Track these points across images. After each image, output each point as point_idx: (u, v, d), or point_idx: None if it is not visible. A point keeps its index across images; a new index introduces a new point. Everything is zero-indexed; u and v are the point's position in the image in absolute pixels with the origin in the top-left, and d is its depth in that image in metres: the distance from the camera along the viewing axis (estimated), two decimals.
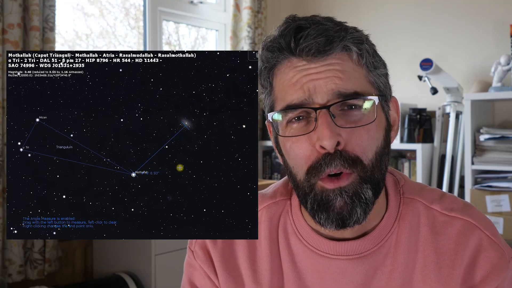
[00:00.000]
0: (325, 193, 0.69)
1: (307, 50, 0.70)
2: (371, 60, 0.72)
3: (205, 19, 3.09)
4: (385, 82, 0.75)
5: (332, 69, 0.69)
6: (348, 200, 0.69)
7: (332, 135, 0.67)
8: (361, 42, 0.72)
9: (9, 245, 2.06)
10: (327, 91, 0.69)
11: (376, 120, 0.70)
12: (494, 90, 2.45)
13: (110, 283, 2.17)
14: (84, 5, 2.63)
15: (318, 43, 0.69)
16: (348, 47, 0.70)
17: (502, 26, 2.64)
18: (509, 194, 2.29)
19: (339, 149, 0.68)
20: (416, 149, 2.66)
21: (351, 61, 0.71)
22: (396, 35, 3.02)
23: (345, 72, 0.70)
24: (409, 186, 0.80)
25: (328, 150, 0.68)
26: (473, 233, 0.75)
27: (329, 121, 0.67)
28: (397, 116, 0.78)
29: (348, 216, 0.69)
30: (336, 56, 0.70)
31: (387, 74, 0.76)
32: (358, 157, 0.69)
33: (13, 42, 2.05)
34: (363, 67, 0.72)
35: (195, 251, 0.84)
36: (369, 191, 0.69)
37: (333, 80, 0.69)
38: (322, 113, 0.68)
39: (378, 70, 0.73)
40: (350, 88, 0.69)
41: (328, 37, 0.69)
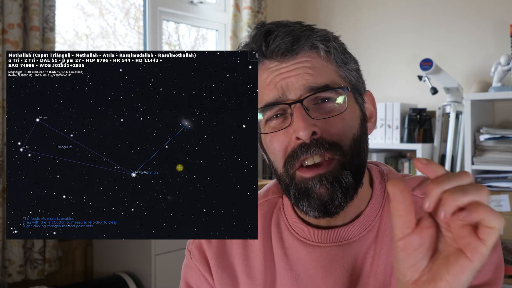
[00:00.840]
0: (304, 182, 0.73)
1: (276, 51, 0.75)
2: (340, 57, 0.77)
3: (205, 19, 3.09)
4: (356, 77, 0.79)
5: (302, 66, 0.74)
6: (329, 186, 0.72)
7: (307, 125, 0.71)
8: (327, 40, 0.76)
9: (9, 245, 2.06)
10: (299, 86, 0.73)
11: (349, 110, 0.74)
12: (494, 90, 2.45)
13: (110, 283, 2.17)
14: (84, 5, 2.63)
15: (286, 43, 0.74)
16: (315, 45, 0.75)
17: (502, 26, 2.64)
18: (509, 194, 2.29)
19: (316, 138, 0.71)
20: (416, 149, 2.66)
21: (320, 57, 0.75)
22: (396, 35, 3.02)
23: (315, 68, 0.74)
24: (393, 175, 0.84)
25: (304, 140, 0.71)
26: None
27: (303, 114, 0.71)
28: (374, 109, 0.82)
29: (329, 202, 0.72)
30: (305, 55, 0.75)
31: (359, 69, 0.80)
32: (336, 142, 0.72)
33: (13, 42, 2.05)
34: (332, 62, 0.76)
35: (192, 251, 0.87)
36: (349, 176, 0.72)
37: (304, 76, 0.73)
38: (297, 107, 0.72)
39: (348, 65, 0.78)
40: (320, 82, 0.73)
41: (294, 37, 0.74)
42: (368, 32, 3.12)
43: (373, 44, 3.08)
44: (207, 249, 0.84)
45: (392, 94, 2.95)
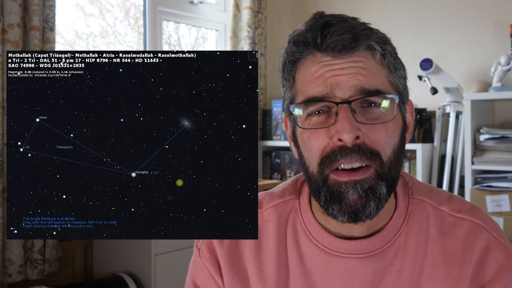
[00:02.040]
0: (337, 185, 0.70)
1: (333, 46, 0.71)
2: (393, 62, 0.75)
3: (205, 19, 3.09)
4: (403, 84, 0.77)
5: (356, 66, 0.71)
6: (363, 194, 0.69)
7: (352, 129, 0.68)
8: (384, 42, 0.74)
9: (9, 245, 2.06)
10: (350, 86, 0.70)
11: (395, 119, 0.72)
12: (494, 90, 2.45)
13: (110, 283, 2.17)
14: (84, 5, 2.63)
15: (344, 40, 0.70)
16: (372, 46, 0.72)
17: (502, 26, 2.64)
18: (509, 194, 2.29)
19: (358, 143, 0.69)
20: (416, 149, 2.66)
21: (374, 60, 0.72)
22: (396, 35, 3.01)
23: (368, 70, 0.71)
24: (417, 187, 0.81)
25: (347, 144, 0.69)
26: (481, 234, 0.76)
27: (349, 116, 0.69)
28: (412, 119, 0.79)
29: (361, 210, 0.70)
30: (360, 54, 0.72)
31: (406, 77, 0.78)
32: (377, 151, 0.70)
33: (13, 42, 2.05)
34: (385, 67, 0.73)
35: (201, 250, 0.84)
36: (384, 187, 0.70)
37: (356, 76, 0.70)
38: (343, 108, 0.69)
39: (399, 72, 0.75)
40: (372, 85, 0.70)
41: (354, 34, 0.71)
42: None
43: None
44: (218, 249, 0.82)
45: None
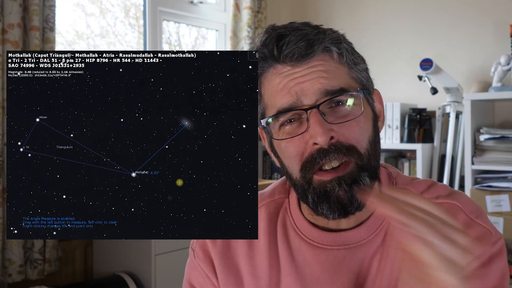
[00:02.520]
0: (323, 185, 0.72)
1: (290, 56, 0.73)
2: (351, 58, 0.76)
3: (205, 19, 3.09)
4: (366, 77, 0.79)
5: (316, 70, 0.73)
6: (348, 188, 0.71)
7: (324, 131, 0.70)
8: (339, 41, 0.75)
9: (9, 245, 2.06)
10: (314, 91, 0.72)
11: (364, 112, 0.74)
12: (494, 90, 2.45)
13: (110, 283, 2.17)
14: (84, 5, 2.63)
15: (300, 48, 0.73)
16: (328, 48, 0.74)
17: (502, 26, 2.64)
18: (509, 194, 2.29)
19: (333, 143, 0.71)
20: (416, 149, 2.66)
21: (333, 60, 0.74)
22: (396, 35, 3.02)
23: (329, 72, 0.73)
24: (401, 178, 0.84)
25: (323, 146, 0.71)
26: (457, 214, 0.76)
27: (320, 119, 0.71)
28: (382, 107, 0.82)
29: (349, 204, 0.72)
30: (318, 58, 0.73)
31: (367, 69, 0.80)
32: (353, 145, 0.72)
33: (13, 42, 2.05)
34: (345, 65, 0.75)
35: (196, 251, 0.86)
36: (366, 178, 0.73)
37: (319, 80, 0.72)
38: (313, 113, 0.71)
39: (359, 65, 0.77)
40: (335, 85, 0.72)
41: (308, 41, 0.73)
42: (368, 32, 3.12)
43: (373, 44, 3.07)
44: (212, 249, 0.84)
45: (392, 94, 2.95)
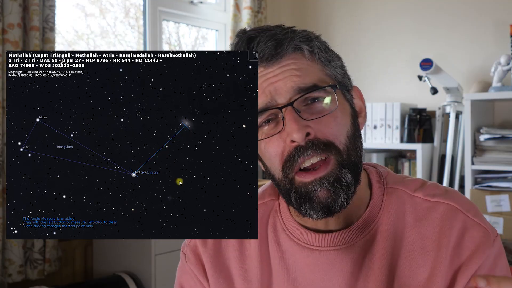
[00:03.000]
0: (304, 186, 0.73)
1: (260, 56, 0.74)
2: (324, 55, 0.77)
3: (205, 19, 3.09)
4: (342, 73, 0.79)
5: (288, 69, 0.74)
6: (331, 187, 0.72)
7: (300, 127, 0.71)
8: (310, 40, 0.76)
9: (9, 245, 2.06)
10: (288, 89, 0.73)
11: (340, 107, 0.74)
12: (494, 90, 2.45)
13: (110, 283, 2.17)
14: (84, 5, 2.63)
15: (269, 48, 0.74)
16: (298, 46, 0.75)
17: (502, 26, 2.64)
18: (509, 194, 2.29)
19: (310, 139, 0.71)
20: (416, 149, 2.66)
21: (305, 58, 0.75)
22: (396, 35, 3.02)
23: (301, 69, 0.74)
24: (391, 177, 0.83)
25: (299, 143, 0.71)
26: (456, 216, 0.77)
27: (295, 116, 0.71)
28: (363, 104, 0.82)
29: (333, 203, 0.72)
30: (290, 57, 0.74)
31: (343, 66, 0.80)
32: (330, 141, 0.72)
33: (13, 42, 2.05)
34: (317, 62, 0.76)
35: (187, 255, 0.86)
36: (348, 174, 0.73)
37: (291, 78, 0.73)
38: (288, 111, 0.72)
39: (333, 63, 0.77)
40: (308, 82, 0.73)
41: (277, 40, 0.74)
42: (368, 32, 3.12)
43: (373, 44, 3.08)
44: (203, 253, 0.84)
45: (392, 94, 2.95)
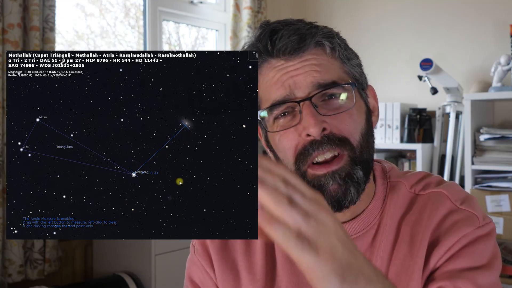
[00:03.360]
0: (317, 179, 0.74)
1: (283, 50, 0.75)
2: (344, 53, 0.78)
3: (205, 19, 3.09)
4: (359, 72, 0.80)
5: (309, 64, 0.74)
6: (341, 182, 0.73)
7: (317, 122, 0.71)
8: (332, 36, 0.77)
9: (9, 245, 2.06)
10: (307, 84, 0.74)
11: (356, 105, 0.76)
12: (494, 90, 2.45)
13: (110, 283, 2.17)
14: (84, 5, 2.63)
15: (292, 42, 0.75)
16: (320, 42, 0.76)
17: (502, 26, 2.64)
18: (509, 194, 2.29)
19: (326, 134, 0.72)
20: (416, 149, 2.66)
21: (325, 54, 0.76)
22: (396, 35, 3.02)
23: (322, 65, 0.75)
24: (395, 171, 0.85)
25: (315, 137, 0.72)
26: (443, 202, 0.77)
27: (312, 111, 0.72)
28: (376, 103, 0.83)
29: (343, 197, 0.73)
30: (311, 52, 0.75)
31: (361, 64, 0.81)
32: (345, 137, 0.73)
33: (13, 42, 2.05)
34: (337, 59, 0.77)
35: (195, 246, 0.88)
36: (360, 171, 0.74)
37: (311, 73, 0.74)
38: (306, 105, 0.73)
39: (352, 61, 0.79)
40: (328, 78, 0.74)
41: (300, 35, 0.75)
42: (368, 32, 3.12)
43: (373, 44, 3.07)
44: (210, 244, 0.85)
45: (392, 94, 2.95)
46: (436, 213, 0.76)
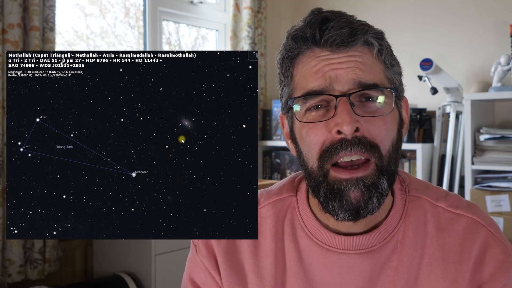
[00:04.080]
0: (338, 183, 0.70)
1: (331, 41, 0.72)
2: (389, 58, 0.76)
3: (205, 19, 3.09)
4: (399, 81, 0.78)
5: (354, 60, 0.72)
6: (365, 191, 0.70)
7: (352, 121, 0.68)
8: (381, 38, 0.75)
9: (9, 245, 2.06)
10: (348, 80, 0.71)
11: (392, 113, 0.73)
12: (494, 90, 2.45)
13: (110, 283, 2.17)
14: (84, 5, 2.63)
15: (342, 34, 0.72)
16: (370, 41, 0.73)
17: (502, 26, 2.64)
18: (509, 194, 2.29)
19: (358, 136, 0.70)
20: (416, 149, 2.66)
21: (372, 55, 0.74)
22: (396, 35, 3.02)
23: (366, 65, 0.72)
24: (414, 185, 0.82)
25: (346, 136, 0.69)
26: (479, 230, 0.76)
27: (348, 108, 0.69)
28: (407, 115, 0.80)
29: (364, 207, 0.70)
30: (358, 49, 0.73)
31: (401, 74, 0.79)
32: (376, 144, 0.71)
33: (13, 42, 2.05)
34: (382, 62, 0.75)
35: (198, 246, 0.84)
36: (385, 182, 0.71)
37: (355, 70, 0.71)
38: (342, 101, 0.70)
39: (394, 68, 0.77)
40: (370, 79, 0.71)
41: (352, 29, 0.72)
42: None
43: None
44: (216, 246, 0.82)
45: None
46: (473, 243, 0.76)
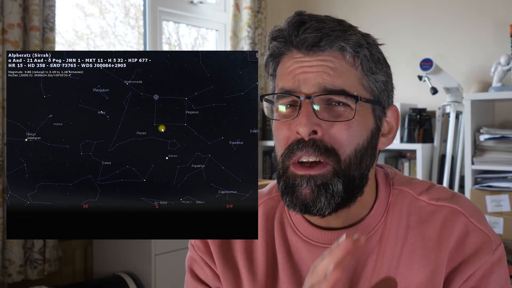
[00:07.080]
0: (293, 178, 0.73)
1: (302, 43, 0.74)
2: (369, 65, 0.75)
3: (205, 19, 3.09)
4: (381, 89, 0.77)
5: (324, 65, 0.73)
6: (315, 189, 0.72)
7: (308, 123, 0.71)
8: (358, 45, 0.74)
9: (9, 245, 2.06)
10: (315, 84, 0.72)
11: (359, 119, 0.73)
12: (494, 90, 2.45)
13: (110, 283, 2.17)
14: (84, 5, 2.63)
15: (312, 38, 0.73)
16: (343, 47, 0.73)
17: (502, 26, 2.64)
18: (509, 194, 2.29)
19: (315, 138, 0.71)
20: (416, 149, 2.66)
21: (345, 61, 0.74)
22: (396, 35, 3.02)
23: (336, 70, 0.73)
24: (398, 178, 0.83)
25: (303, 137, 0.71)
26: (458, 218, 0.77)
27: (309, 111, 0.71)
28: (395, 125, 0.80)
29: (311, 204, 0.72)
30: (331, 54, 0.73)
31: (387, 82, 0.78)
32: (334, 148, 0.72)
33: (13, 42, 2.05)
34: (358, 68, 0.74)
35: (196, 245, 0.87)
36: (339, 185, 0.72)
37: (322, 75, 0.72)
38: (305, 103, 0.72)
39: (375, 75, 0.76)
40: (338, 85, 0.72)
41: (323, 33, 0.73)
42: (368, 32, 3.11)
43: None
44: (211, 242, 0.85)
45: None
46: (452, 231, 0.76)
